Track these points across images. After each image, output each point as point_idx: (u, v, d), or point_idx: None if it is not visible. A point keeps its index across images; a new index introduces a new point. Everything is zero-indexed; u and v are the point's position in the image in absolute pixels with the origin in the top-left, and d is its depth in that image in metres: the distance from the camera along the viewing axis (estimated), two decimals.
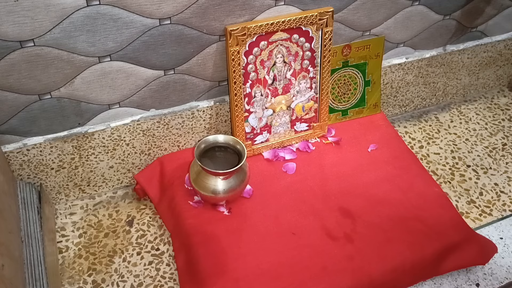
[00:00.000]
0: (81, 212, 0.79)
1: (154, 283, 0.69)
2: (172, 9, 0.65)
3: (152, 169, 0.79)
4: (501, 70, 1.04)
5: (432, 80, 0.96)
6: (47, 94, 0.67)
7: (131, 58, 0.68)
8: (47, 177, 0.75)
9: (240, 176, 0.71)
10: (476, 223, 0.78)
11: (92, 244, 0.74)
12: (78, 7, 0.60)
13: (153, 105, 0.75)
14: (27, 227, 0.64)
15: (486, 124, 0.98)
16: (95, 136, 0.74)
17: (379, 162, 0.81)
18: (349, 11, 0.78)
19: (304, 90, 0.80)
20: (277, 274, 0.65)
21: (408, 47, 0.89)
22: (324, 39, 0.76)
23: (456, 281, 0.69)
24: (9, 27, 0.59)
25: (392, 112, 0.98)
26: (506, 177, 0.86)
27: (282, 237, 0.69)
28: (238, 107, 0.76)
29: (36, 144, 0.71)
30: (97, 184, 0.80)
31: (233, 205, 0.73)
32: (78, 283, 0.69)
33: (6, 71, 0.62)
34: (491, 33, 0.96)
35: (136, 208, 0.79)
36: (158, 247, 0.74)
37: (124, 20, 0.64)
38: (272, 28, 0.71)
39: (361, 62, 0.85)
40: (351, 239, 0.69)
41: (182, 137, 0.81)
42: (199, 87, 0.77)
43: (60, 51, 0.63)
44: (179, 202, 0.73)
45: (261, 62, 0.74)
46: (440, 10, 0.86)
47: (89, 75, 0.68)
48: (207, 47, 0.72)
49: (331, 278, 0.64)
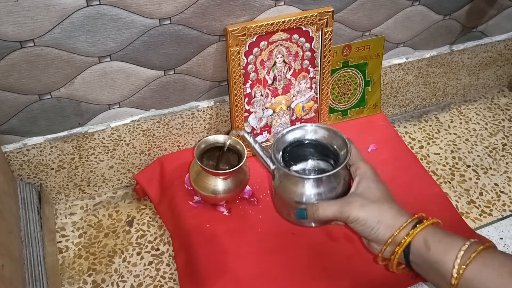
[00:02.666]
0: (81, 212, 0.79)
1: (154, 283, 0.69)
2: (172, 9, 0.66)
3: (152, 169, 0.79)
4: (501, 70, 1.04)
5: (432, 80, 0.96)
6: (47, 94, 0.67)
7: (131, 58, 0.68)
8: (47, 177, 0.75)
9: (240, 176, 0.71)
10: (476, 223, 0.78)
11: (92, 244, 0.74)
12: (78, 7, 0.60)
13: (153, 105, 0.75)
14: (27, 227, 0.64)
15: (486, 124, 0.98)
16: (95, 136, 0.74)
17: (379, 162, 0.81)
18: (349, 11, 0.78)
19: (304, 90, 0.80)
20: (277, 274, 0.65)
21: (408, 47, 0.89)
22: (324, 39, 0.76)
23: None
24: (9, 27, 0.59)
25: (392, 112, 0.98)
26: (506, 177, 0.86)
27: (282, 237, 0.69)
28: (238, 107, 0.76)
29: (36, 144, 0.71)
30: (97, 184, 0.80)
31: (233, 205, 0.73)
32: (78, 283, 0.69)
33: (6, 71, 0.62)
34: (491, 33, 0.96)
35: (136, 208, 0.79)
36: (158, 247, 0.74)
37: (124, 20, 0.64)
38: (272, 28, 0.71)
39: (361, 62, 0.85)
40: (351, 239, 0.69)
41: (182, 137, 0.81)
42: (199, 87, 0.77)
43: (60, 51, 0.63)
44: (179, 202, 0.73)
45: (261, 62, 0.74)
46: (440, 10, 0.86)
47: (89, 75, 0.68)
48: (207, 47, 0.72)
49: (331, 278, 0.64)
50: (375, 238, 0.55)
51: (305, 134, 0.65)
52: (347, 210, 0.55)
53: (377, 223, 0.54)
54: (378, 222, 0.54)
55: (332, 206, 0.57)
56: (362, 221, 0.54)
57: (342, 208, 0.56)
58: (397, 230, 0.53)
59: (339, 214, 0.56)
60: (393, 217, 0.54)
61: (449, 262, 0.49)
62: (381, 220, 0.54)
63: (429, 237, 0.52)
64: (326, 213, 0.57)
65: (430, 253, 0.51)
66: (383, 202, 0.56)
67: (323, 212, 0.57)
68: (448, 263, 0.49)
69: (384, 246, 0.54)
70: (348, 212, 0.55)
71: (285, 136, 0.64)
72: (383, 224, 0.54)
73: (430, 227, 0.53)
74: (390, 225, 0.54)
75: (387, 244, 0.54)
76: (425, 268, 0.52)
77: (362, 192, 0.57)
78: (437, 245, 0.51)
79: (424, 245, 0.52)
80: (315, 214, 0.57)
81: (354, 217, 0.55)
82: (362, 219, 0.54)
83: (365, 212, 0.54)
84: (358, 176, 0.59)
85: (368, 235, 0.55)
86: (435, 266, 0.51)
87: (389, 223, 0.54)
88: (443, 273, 0.50)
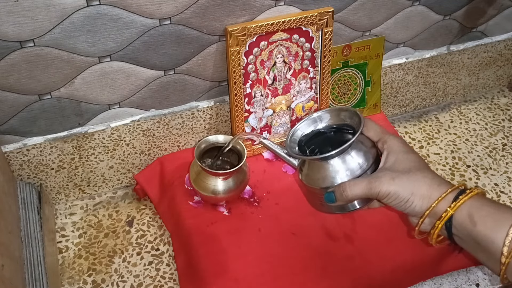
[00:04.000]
0: (81, 212, 0.79)
1: (154, 283, 0.69)
2: (172, 9, 0.66)
3: (152, 169, 0.79)
4: (501, 70, 1.04)
5: (432, 80, 0.96)
6: (47, 94, 0.67)
7: (131, 58, 0.68)
8: (47, 177, 0.75)
9: (240, 177, 0.71)
10: None
11: (92, 244, 0.74)
12: (78, 7, 0.60)
13: (153, 105, 0.75)
14: (27, 227, 0.64)
15: (486, 124, 0.98)
16: (95, 136, 0.74)
17: None
18: (349, 11, 0.78)
19: (304, 90, 0.80)
20: (277, 274, 0.65)
21: (408, 47, 0.90)
22: (324, 39, 0.76)
23: (456, 281, 0.69)
24: (9, 27, 0.59)
25: (392, 112, 0.98)
26: (506, 177, 0.86)
27: (282, 237, 0.69)
28: (238, 107, 0.76)
29: (36, 144, 0.71)
30: (97, 184, 0.80)
31: (233, 205, 0.73)
32: (78, 283, 0.69)
33: (6, 72, 0.62)
34: (491, 33, 0.96)
35: (136, 208, 0.79)
36: (158, 247, 0.74)
37: (124, 20, 0.64)
38: (272, 28, 0.71)
39: (361, 62, 0.85)
40: (351, 239, 0.69)
41: (182, 137, 0.81)
42: (199, 87, 0.77)
43: (60, 51, 0.63)
44: (179, 202, 0.73)
45: (261, 62, 0.74)
46: (440, 10, 0.86)
47: (89, 75, 0.68)
48: (207, 47, 0.72)
49: (331, 278, 0.64)
50: (411, 212, 0.51)
51: (316, 123, 0.62)
52: (377, 186, 0.51)
53: (411, 195, 0.50)
54: (412, 194, 0.50)
55: (360, 183, 0.53)
56: (394, 195, 0.50)
57: (371, 184, 0.52)
58: (435, 201, 0.49)
59: (369, 190, 0.52)
60: (429, 187, 0.50)
61: (498, 239, 0.45)
62: (415, 192, 0.50)
63: (474, 211, 0.47)
64: (355, 192, 0.53)
65: (476, 229, 0.47)
66: (415, 172, 0.51)
67: (351, 191, 0.53)
68: (497, 240, 0.45)
69: (421, 219, 0.50)
70: (377, 188, 0.51)
71: (296, 132, 0.61)
72: (417, 196, 0.50)
73: (475, 199, 0.49)
74: (426, 196, 0.50)
75: (424, 217, 0.50)
76: (470, 243, 0.48)
77: (392, 166, 0.53)
78: (484, 220, 0.47)
79: (469, 219, 0.47)
80: (343, 194, 0.53)
81: (385, 192, 0.51)
82: (394, 193, 0.50)
83: (396, 185, 0.50)
84: (386, 150, 0.55)
85: (404, 209, 0.51)
86: (482, 243, 0.47)
87: (424, 193, 0.50)
88: (492, 250, 0.46)
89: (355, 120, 0.58)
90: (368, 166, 0.56)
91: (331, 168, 0.56)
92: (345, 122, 0.60)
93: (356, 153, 0.56)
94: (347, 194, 0.53)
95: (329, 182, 0.56)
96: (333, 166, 0.56)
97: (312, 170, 0.58)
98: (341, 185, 0.54)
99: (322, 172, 0.56)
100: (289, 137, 0.61)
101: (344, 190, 0.53)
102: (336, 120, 0.61)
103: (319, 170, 0.57)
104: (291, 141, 0.61)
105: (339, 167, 0.56)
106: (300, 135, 0.62)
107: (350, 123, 0.59)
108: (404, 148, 0.54)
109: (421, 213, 0.50)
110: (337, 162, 0.56)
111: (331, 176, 0.56)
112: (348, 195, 0.53)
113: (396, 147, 0.54)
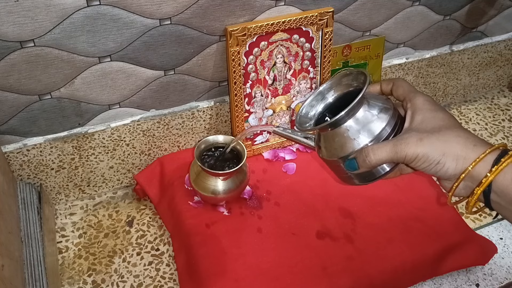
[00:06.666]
0: (81, 212, 0.79)
1: (154, 283, 0.69)
2: (172, 9, 0.66)
3: (152, 169, 0.79)
4: (501, 70, 1.04)
5: (432, 80, 0.96)
6: (47, 94, 0.67)
7: (131, 59, 0.68)
8: (47, 178, 0.75)
9: (240, 177, 0.71)
10: (476, 223, 0.78)
11: (92, 244, 0.74)
12: (79, 8, 0.60)
13: (153, 105, 0.75)
14: (27, 227, 0.64)
15: (486, 125, 0.98)
16: (95, 136, 0.74)
17: None
18: (349, 12, 0.78)
19: (304, 91, 0.80)
20: (277, 274, 0.65)
21: (408, 48, 0.90)
22: (324, 40, 0.76)
23: (456, 281, 0.69)
24: (9, 27, 0.59)
25: None
26: None
27: (282, 237, 0.69)
28: (238, 107, 0.76)
29: (36, 145, 0.71)
30: (97, 184, 0.80)
31: (233, 205, 0.73)
32: (78, 283, 0.69)
33: (6, 72, 0.62)
34: (491, 34, 0.96)
35: (136, 209, 0.79)
36: (158, 248, 0.74)
37: (124, 21, 0.64)
38: (272, 29, 0.71)
39: (361, 63, 0.85)
40: (351, 240, 0.69)
41: (182, 137, 0.81)
42: (199, 87, 0.77)
43: (60, 51, 0.63)
44: (179, 202, 0.73)
45: (261, 63, 0.74)
46: (440, 10, 0.86)
47: (89, 76, 0.68)
48: (207, 47, 0.72)
49: (331, 279, 0.64)
50: (443, 175, 0.46)
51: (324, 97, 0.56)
52: (403, 148, 0.46)
53: (443, 156, 0.44)
54: (443, 155, 0.45)
55: (384, 147, 0.47)
56: (422, 157, 0.45)
57: (396, 147, 0.46)
58: (471, 163, 0.44)
59: (395, 154, 0.46)
60: (464, 147, 0.44)
61: None
62: (447, 152, 0.45)
63: None
64: (379, 156, 0.47)
65: None
66: (446, 130, 0.46)
67: (374, 156, 0.47)
68: None
69: (455, 183, 0.45)
70: (404, 151, 0.46)
71: (303, 111, 0.56)
72: (450, 157, 0.44)
73: None
74: (461, 157, 0.44)
75: (460, 181, 0.45)
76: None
77: (418, 125, 0.47)
78: None
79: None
80: (366, 160, 0.48)
81: (413, 155, 0.45)
82: (423, 155, 0.45)
83: (425, 147, 0.45)
84: (410, 109, 0.49)
85: (435, 172, 0.46)
86: None
87: (458, 154, 0.44)
88: None
89: (360, 80, 0.52)
90: (391, 127, 0.50)
91: (346, 134, 0.50)
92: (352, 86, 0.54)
93: (372, 113, 0.50)
94: (371, 159, 0.48)
95: (349, 148, 0.50)
96: (349, 130, 0.50)
97: (328, 141, 0.52)
98: (364, 150, 0.48)
99: (338, 140, 0.51)
100: (298, 117, 0.55)
101: (367, 155, 0.48)
102: (344, 88, 0.55)
103: (334, 139, 0.51)
104: (300, 119, 0.55)
105: (354, 130, 0.50)
106: (308, 112, 0.56)
107: (358, 85, 0.53)
108: (431, 106, 0.49)
109: (454, 176, 0.45)
110: (352, 125, 0.50)
111: (349, 141, 0.50)
112: (372, 160, 0.48)
113: (422, 105, 0.49)
